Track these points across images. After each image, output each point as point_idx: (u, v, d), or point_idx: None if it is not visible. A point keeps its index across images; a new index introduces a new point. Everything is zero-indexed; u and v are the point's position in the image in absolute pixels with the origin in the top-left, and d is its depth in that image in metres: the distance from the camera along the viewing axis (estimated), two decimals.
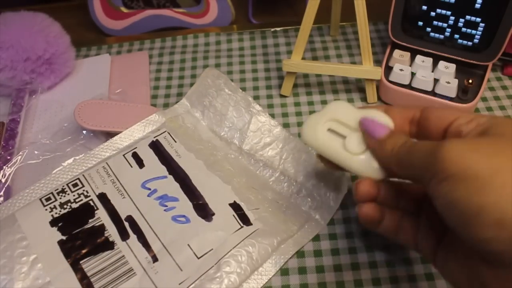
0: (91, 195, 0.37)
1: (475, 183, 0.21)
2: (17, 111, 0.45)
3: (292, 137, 0.42)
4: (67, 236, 0.35)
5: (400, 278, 0.35)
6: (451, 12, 0.42)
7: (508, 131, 0.23)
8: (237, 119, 0.43)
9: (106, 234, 0.35)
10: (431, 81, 0.43)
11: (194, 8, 0.56)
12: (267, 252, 0.35)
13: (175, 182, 0.38)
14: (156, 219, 0.36)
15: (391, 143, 0.28)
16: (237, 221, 0.36)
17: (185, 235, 0.35)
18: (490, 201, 0.20)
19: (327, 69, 0.45)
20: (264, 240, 0.35)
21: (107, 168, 0.39)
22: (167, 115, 0.44)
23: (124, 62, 0.52)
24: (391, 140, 0.28)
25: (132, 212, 0.36)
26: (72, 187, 0.38)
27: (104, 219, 0.36)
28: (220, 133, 0.43)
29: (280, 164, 0.41)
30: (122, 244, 0.35)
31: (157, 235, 0.35)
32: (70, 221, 0.36)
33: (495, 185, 0.20)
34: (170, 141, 0.41)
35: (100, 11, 0.56)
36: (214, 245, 0.35)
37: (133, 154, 0.40)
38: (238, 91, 0.45)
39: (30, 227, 0.35)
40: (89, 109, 0.42)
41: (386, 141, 0.28)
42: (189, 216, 0.36)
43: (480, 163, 0.21)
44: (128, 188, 0.38)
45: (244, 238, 0.35)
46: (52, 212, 0.36)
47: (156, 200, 0.37)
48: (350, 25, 0.55)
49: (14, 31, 0.44)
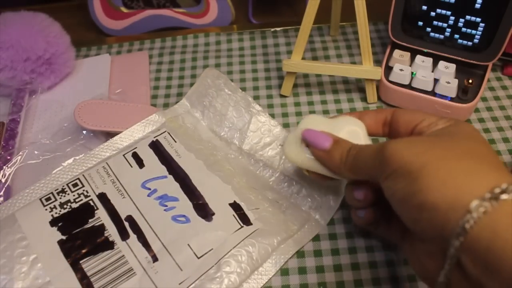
0: (91, 195, 0.37)
1: (409, 176, 0.24)
2: (17, 111, 0.45)
3: None
4: (67, 236, 0.35)
5: (400, 278, 0.35)
6: (451, 12, 0.42)
7: (453, 130, 0.27)
8: (237, 119, 0.43)
9: (106, 234, 0.35)
10: (431, 81, 0.43)
11: (194, 8, 0.56)
12: (267, 252, 0.35)
13: (175, 182, 0.38)
14: (156, 219, 0.36)
15: (338, 152, 0.30)
16: (237, 221, 0.36)
17: (185, 235, 0.35)
18: (417, 189, 0.24)
19: (327, 69, 0.45)
20: (264, 240, 0.35)
21: (107, 168, 0.39)
22: (167, 115, 0.44)
23: (124, 62, 0.52)
24: (338, 149, 0.30)
25: (132, 212, 0.36)
26: (72, 187, 0.38)
27: (104, 219, 0.36)
28: (220, 133, 0.43)
29: (280, 164, 0.41)
30: (122, 244, 0.35)
31: (157, 235, 0.35)
32: (70, 221, 0.36)
33: (422, 177, 0.24)
34: (170, 141, 0.41)
35: (100, 11, 0.56)
36: (214, 245, 0.35)
37: (133, 154, 0.40)
38: (238, 91, 0.45)
39: (30, 227, 0.35)
40: (89, 109, 0.42)
41: (333, 150, 0.30)
42: (189, 216, 0.36)
43: (413, 159, 0.24)
44: (128, 188, 0.38)
45: (244, 238, 0.35)
46: (52, 212, 0.36)
47: (156, 200, 0.37)
48: (350, 25, 0.55)
49: (14, 31, 0.44)
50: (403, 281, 0.35)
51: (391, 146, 0.26)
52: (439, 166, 0.24)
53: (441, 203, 0.23)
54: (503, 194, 0.21)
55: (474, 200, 0.22)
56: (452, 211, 0.22)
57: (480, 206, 0.21)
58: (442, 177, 0.23)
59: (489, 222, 0.21)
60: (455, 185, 0.23)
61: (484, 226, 0.21)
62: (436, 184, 0.23)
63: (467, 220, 0.21)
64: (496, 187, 0.22)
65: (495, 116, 0.45)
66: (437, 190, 0.23)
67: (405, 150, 0.25)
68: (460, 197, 0.22)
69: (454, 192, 0.22)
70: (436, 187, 0.23)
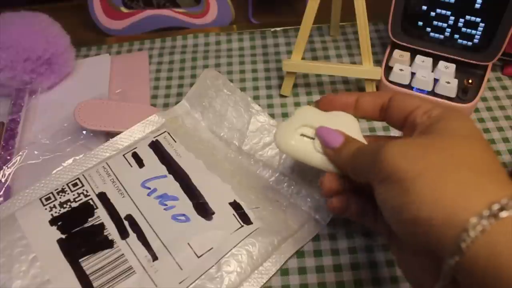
0: (91, 194, 0.37)
1: (401, 185, 0.23)
2: (17, 111, 0.45)
3: None
4: (66, 234, 0.35)
5: (400, 278, 0.35)
6: (451, 12, 0.42)
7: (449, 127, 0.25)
8: (236, 119, 0.43)
9: (106, 233, 0.35)
10: (431, 81, 0.43)
11: (194, 8, 0.56)
12: (268, 251, 0.35)
13: (175, 181, 0.38)
14: (156, 218, 0.36)
15: (346, 151, 0.29)
16: (237, 220, 0.36)
17: (185, 234, 0.35)
18: (409, 201, 0.22)
19: (327, 69, 0.45)
20: (264, 239, 0.35)
21: (107, 168, 0.39)
22: (166, 116, 0.44)
23: (124, 62, 0.52)
24: (346, 148, 0.30)
25: (132, 211, 0.36)
26: (72, 187, 0.38)
27: (104, 218, 0.36)
28: (219, 134, 0.43)
29: (280, 164, 0.41)
30: (121, 242, 0.35)
31: (156, 234, 0.35)
32: (70, 220, 0.36)
33: (416, 188, 0.22)
34: (170, 141, 0.41)
35: (100, 11, 0.56)
36: (214, 244, 0.35)
37: (133, 154, 0.40)
38: (237, 91, 0.45)
39: (29, 226, 0.35)
40: (89, 109, 0.42)
41: (341, 149, 0.30)
42: (189, 215, 0.36)
43: (407, 167, 0.23)
44: (128, 187, 0.38)
45: (245, 237, 0.35)
46: (52, 211, 0.36)
47: (156, 199, 0.37)
48: (350, 25, 0.55)
49: (14, 31, 0.45)
50: (403, 281, 0.35)
51: (386, 149, 0.24)
52: (435, 178, 0.22)
53: (436, 219, 0.21)
54: (502, 211, 0.20)
55: (471, 218, 0.20)
56: (447, 228, 0.21)
57: (477, 224, 0.20)
58: (437, 190, 0.22)
59: (487, 242, 0.20)
60: (451, 200, 0.21)
61: (482, 246, 0.20)
62: (431, 198, 0.22)
63: (464, 239, 0.20)
64: (495, 203, 0.20)
65: (495, 116, 0.45)
66: (432, 203, 0.22)
67: (399, 155, 0.24)
68: (456, 213, 0.21)
69: (450, 208, 0.21)
70: (431, 201, 0.22)
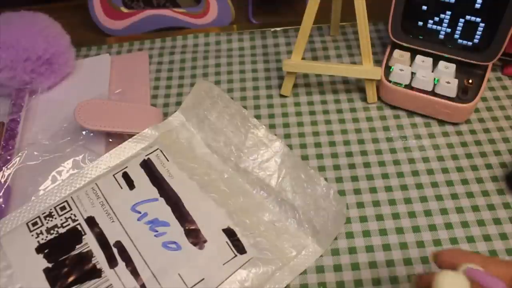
0: (79, 218, 0.36)
1: None
2: (17, 111, 0.45)
3: (291, 153, 0.40)
4: (53, 263, 0.34)
5: (400, 278, 0.35)
6: (451, 12, 0.42)
7: None
8: (233, 133, 0.42)
9: (94, 261, 0.34)
10: (431, 81, 0.43)
11: (194, 8, 0.56)
12: (261, 282, 0.34)
13: (167, 205, 0.37)
14: (146, 245, 0.35)
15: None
16: (230, 249, 0.35)
17: (175, 263, 0.34)
18: None
19: (327, 69, 0.45)
20: (258, 270, 0.34)
21: (96, 189, 0.38)
22: (161, 129, 0.42)
23: (124, 62, 0.52)
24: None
25: (121, 237, 0.35)
26: (59, 211, 0.37)
27: (92, 245, 0.35)
28: (215, 148, 0.41)
29: (277, 183, 0.39)
30: (110, 271, 0.33)
31: (146, 263, 0.34)
32: (57, 247, 0.35)
33: None
34: (163, 160, 0.40)
35: (100, 11, 0.56)
36: (205, 274, 0.33)
37: (124, 174, 0.39)
38: (232, 103, 0.43)
39: (15, 255, 0.34)
40: (89, 109, 0.42)
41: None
42: (180, 243, 0.35)
43: None
44: (118, 211, 0.37)
45: (238, 268, 0.34)
46: (39, 238, 0.35)
47: (146, 224, 0.36)
48: (350, 25, 0.55)
49: (14, 31, 0.44)
50: (403, 281, 0.35)
51: None
52: None
53: None
54: None
55: None
56: None
57: None
58: None
59: None
60: None
61: None
62: None
63: None
64: None
65: (495, 116, 0.45)
66: None
67: None
68: None
69: None
70: None
